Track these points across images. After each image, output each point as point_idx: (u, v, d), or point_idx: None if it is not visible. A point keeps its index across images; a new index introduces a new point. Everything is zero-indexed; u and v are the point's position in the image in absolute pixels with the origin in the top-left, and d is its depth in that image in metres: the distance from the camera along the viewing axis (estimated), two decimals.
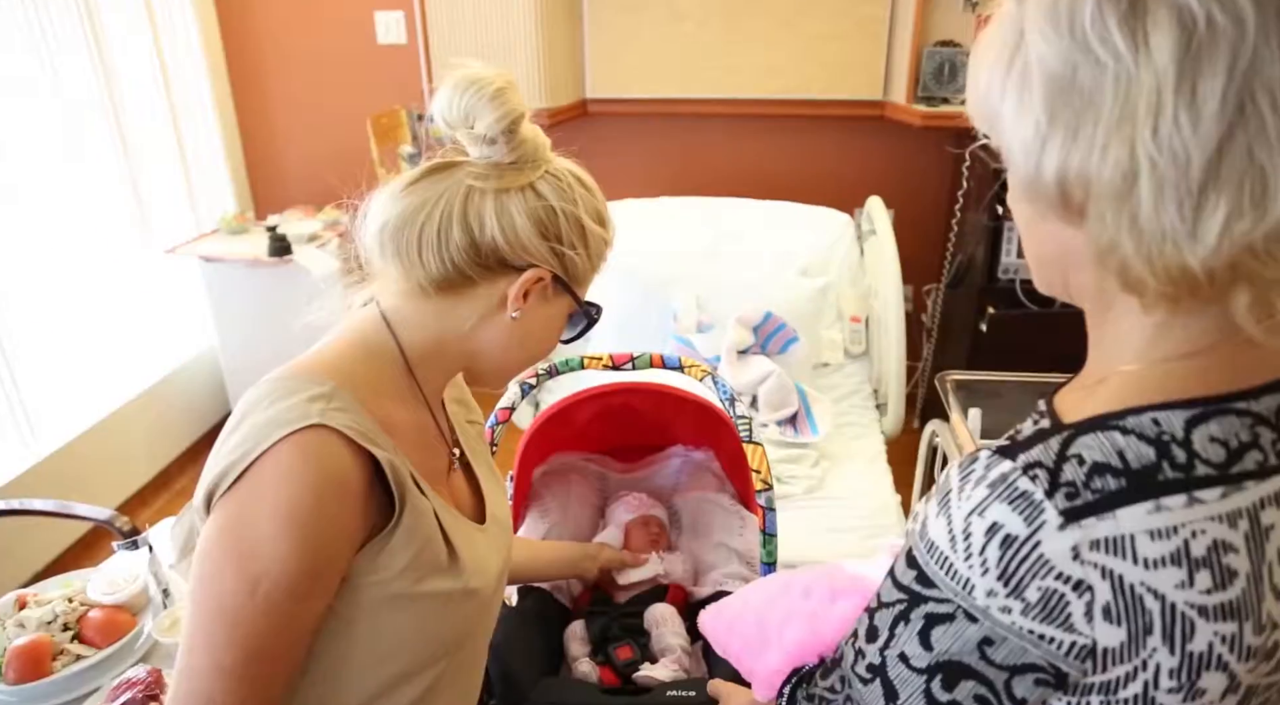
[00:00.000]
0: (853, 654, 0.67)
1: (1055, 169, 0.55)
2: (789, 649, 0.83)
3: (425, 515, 0.82)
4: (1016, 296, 2.58)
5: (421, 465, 0.86)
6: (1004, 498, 0.56)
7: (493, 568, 0.94)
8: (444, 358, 0.90)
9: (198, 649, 0.74)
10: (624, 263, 2.58)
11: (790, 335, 2.37)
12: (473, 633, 0.93)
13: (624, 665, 1.32)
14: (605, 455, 1.73)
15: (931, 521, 0.60)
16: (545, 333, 0.91)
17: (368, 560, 0.79)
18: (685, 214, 2.81)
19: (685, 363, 1.41)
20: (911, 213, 3.14)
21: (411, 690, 0.88)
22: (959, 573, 0.57)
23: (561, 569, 1.43)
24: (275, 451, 0.73)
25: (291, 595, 0.73)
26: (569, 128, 3.16)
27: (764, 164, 3.24)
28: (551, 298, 0.88)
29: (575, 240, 0.86)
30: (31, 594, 1.33)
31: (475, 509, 0.99)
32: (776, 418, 2.22)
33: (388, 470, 0.78)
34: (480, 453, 1.05)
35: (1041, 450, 0.57)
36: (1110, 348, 0.62)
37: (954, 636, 0.58)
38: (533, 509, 1.58)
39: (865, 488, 2.09)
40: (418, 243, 0.83)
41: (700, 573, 1.54)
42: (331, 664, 0.83)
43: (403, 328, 0.87)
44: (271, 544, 0.72)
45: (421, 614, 0.84)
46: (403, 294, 0.87)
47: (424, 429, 0.91)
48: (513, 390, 1.42)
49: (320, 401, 0.76)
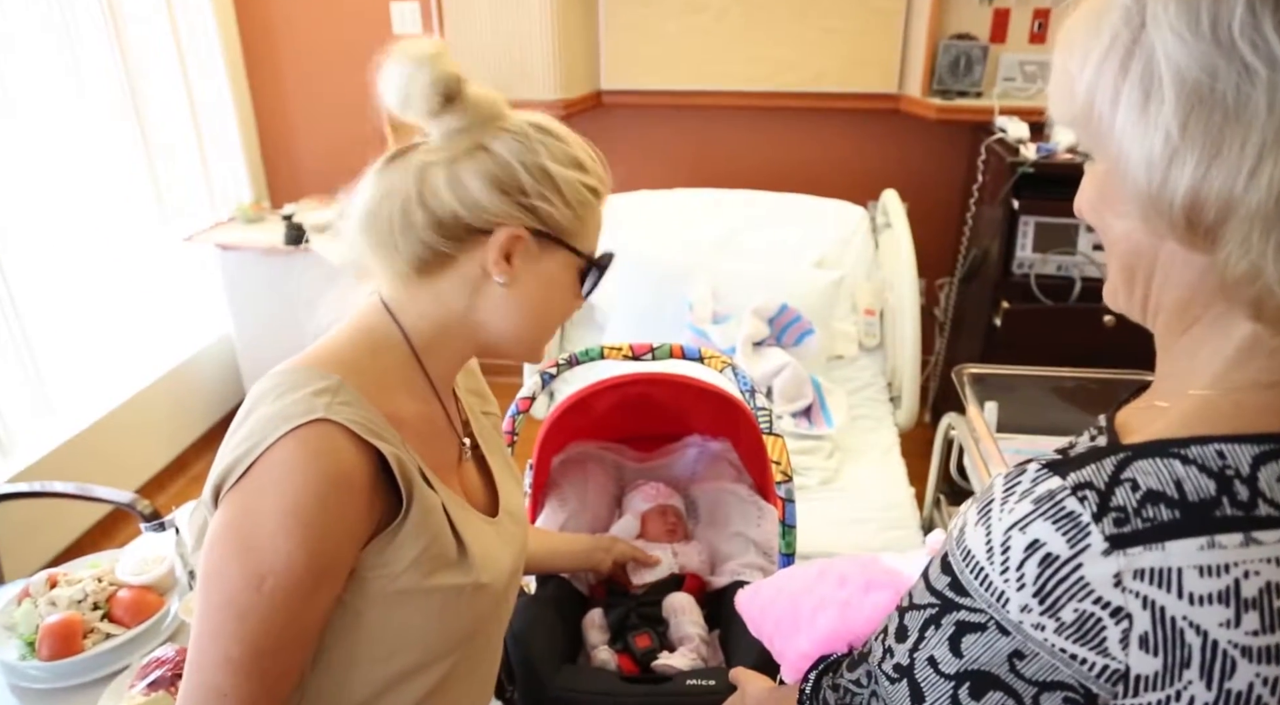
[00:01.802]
0: (881, 651, 0.68)
1: (1187, 188, 0.50)
2: (819, 635, 0.84)
3: (433, 510, 0.82)
4: (1031, 291, 2.57)
5: (430, 457, 0.86)
6: (1049, 516, 0.54)
7: (504, 561, 0.93)
8: (450, 342, 0.88)
9: (206, 642, 0.75)
10: (639, 253, 2.62)
11: (805, 327, 2.37)
12: (485, 627, 0.93)
13: (643, 653, 1.33)
14: (623, 444, 1.75)
15: (970, 530, 0.59)
16: (551, 292, 0.87)
17: (375, 554, 0.80)
18: (700, 205, 2.82)
19: (705, 354, 1.42)
20: (926, 206, 3.14)
21: (423, 683, 0.88)
22: (994, 585, 0.56)
23: (575, 560, 1.44)
24: (279, 446, 0.73)
25: (297, 590, 0.74)
26: (583, 119, 3.17)
27: (778, 156, 3.24)
28: (541, 254, 0.85)
29: (544, 190, 0.82)
30: (62, 573, 1.35)
31: (488, 501, 0.99)
32: (791, 409, 2.23)
33: (394, 465, 0.77)
34: (496, 444, 1.05)
35: (1094, 470, 0.55)
36: (1182, 370, 0.60)
37: (984, 646, 0.58)
38: (551, 497, 1.59)
39: (879, 480, 2.10)
40: (388, 231, 0.82)
41: (717, 562, 1.56)
42: (341, 656, 0.84)
43: (405, 316, 0.86)
44: (276, 540, 0.73)
45: (430, 608, 0.84)
46: (396, 283, 0.86)
47: (433, 420, 0.90)
48: (533, 381, 1.43)
49: (326, 395, 0.76)
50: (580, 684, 1.21)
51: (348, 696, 0.86)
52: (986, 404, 1.84)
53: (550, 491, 1.61)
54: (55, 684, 1.22)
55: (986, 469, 1.63)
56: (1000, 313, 2.61)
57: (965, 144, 3.07)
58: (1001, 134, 2.72)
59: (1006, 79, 2.91)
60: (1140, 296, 0.61)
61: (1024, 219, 2.56)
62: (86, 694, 1.21)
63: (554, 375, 1.44)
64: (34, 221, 2.49)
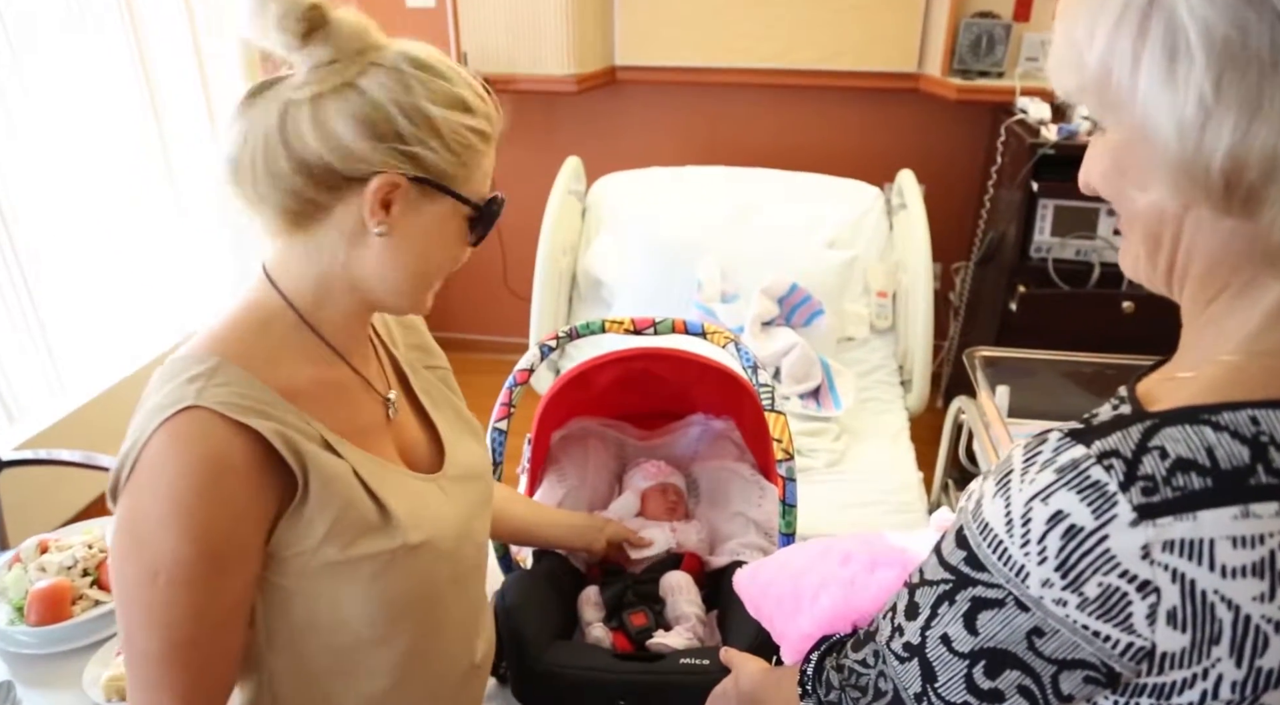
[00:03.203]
0: (889, 629, 0.65)
1: (1227, 150, 0.49)
2: (821, 615, 0.81)
3: (338, 478, 0.79)
4: (1048, 275, 2.52)
5: (341, 422, 0.83)
6: (1072, 485, 0.52)
7: (448, 517, 0.90)
8: (336, 299, 0.83)
9: (126, 639, 0.75)
10: (648, 230, 2.59)
11: (815, 308, 2.33)
12: (437, 588, 0.90)
13: (638, 631, 1.31)
14: (625, 421, 1.72)
15: (988, 502, 0.57)
16: (434, 241, 0.82)
17: (287, 533, 0.78)
18: (712, 183, 2.77)
19: (708, 329, 1.39)
20: (942, 188, 3.08)
21: (391, 649, 0.87)
22: (1013, 559, 0.54)
23: (567, 536, 1.41)
24: (154, 441, 0.72)
25: (193, 581, 0.73)
26: (597, 95, 3.13)
27: (793, 135, 3.19)
28: (422, 202, 0.79)
29: (421, 134, 0.75)
30: (53, 539, 1.34)
31: (432, 458, 0.96)
32: (799, 390, 2.19)
33: (276, 442, 0.74)
34: (443, 399, 1.01)
35: (1120, 438, 0.53)
36: (1210, 337, 0.58)
37: (1002, 623, 0.56)
38: (550, 473, 1.57)
39: (887, 464, 2.07)
40: (251, 180, 0.76)
41: (717, 542, 1.53)
42: (287, 634, 0.83)
43: (285, 278, 0.82)
44: (159, 534, 0.71)
45: (361, 577, 0.82)
46: (272, 240, 0.82)
47: (341, 383, 0.87)
48: (532, 352, 1.40)
49: (199, 381, 0.74)
50: (571, 660, 1.19)
51: (312, 670, 0.85)
52: (998, 388, 1.80)
53: (549, 467, 1.59)
54: (43, 650, 1.21)
55: (996, 454, 1.60)
56: (1016, 297, 2.57)
57: (985, 125, 3.01)
58: (1022, 115, 2.66)
59: (1029, 59, 2.84)
60: (1165, 266, 0.58)
61: (1043, 202, 2.51)
62: (75, 660, 1.20)
63: (553, 348, 1.41)
64: (44, 193, 2.48)
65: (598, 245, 2.65)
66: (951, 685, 0.59)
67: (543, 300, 2.43)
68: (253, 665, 0.85)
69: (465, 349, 3.59)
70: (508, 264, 3.34)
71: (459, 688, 0.98)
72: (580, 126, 3.28)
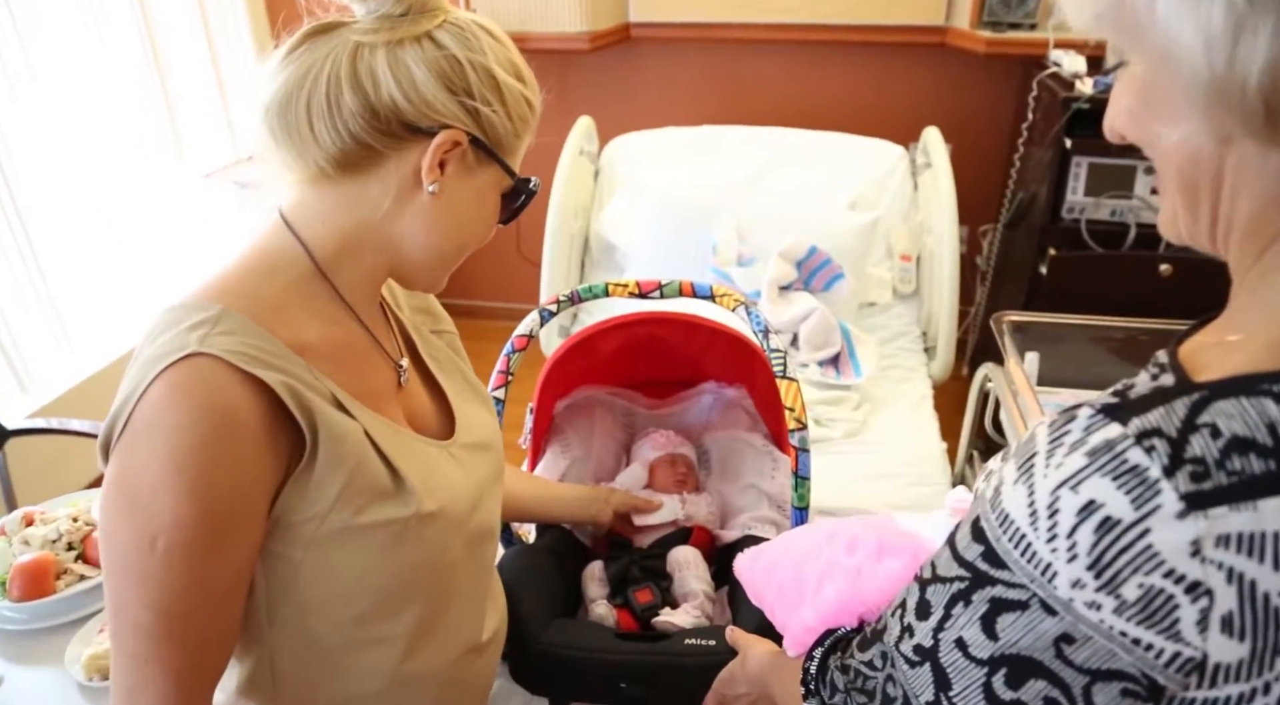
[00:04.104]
0: (899, 629, 0.58)
1: (1264, 65, 0.43)
2: (825, 606, 0.74)
3: (350, 439, 0.74)
4: (1081, 237, 2.41)
5: (353, 383, 0.78)
6: (1107, 471, 0.45)
7: (461, 486, 0.86)
8: (361, 255, 0.79)
9: (115, 610, 0.69)
10: (662, 192, 2.50)
11: (836, 271, 2.24)
12: (450, 559, 0.85)
13: (643, 609, 1.25)
14: (633, 390, 1.65)
15: (1009, 489, 0.50)
16: (475, 211, 0.81)
17: (295, 497, 0.72)
18: (728, 143, 2.68)
19: (717, 292, 1.31)
20: (969, 148, 2.96)
21: (399, 625, 0.82)
22: (1038, 556, 0.48)
23: (571, 508, 1.35)
24: (152, 391, 0.66)
25: (195, 547, 0.67)
26: (611, 53, 3.03)
27: (814, 93, 3.08)
28: (475, 167, 0.77)
29: (489, 95, 0.75)
30: (39, 512, 1.30)
31: (440, 425, 0.91)
32: (818, 357, 2.11)
33: (284, 395, 0.69)
34: (451, 365, 0.97)
35: (1163, 414, 0.46)
36: (1265, 293, 0.51)
37: (1025, 628, 0.49)
38: (553, 443, 1.51)
39: (909, 434, 1.99)
40: (307, 116, 0.73)
41: (728, 516, 1.47)
42: (292, 608, 0.77)
43: (307, 226, 0.77)
44: (158, 495, 0.65)
45: (371, 546, 0.76)
46: (304, 184, 0.77)
47: (352, 343, 0.82)
48: (532, 317, 1.33)
49: (202, 328, 0.68)
50: (569, 639, 1.13)
51: (317, 645, 0.80)
52: (1027, 354, 1.71)
53: (553, 437, 1.52)
54: (26, 625, 1.17)
55: (1025, 424, 1.51)
56: (1047, 261, 2.46)
57: (1015, 80, 2.88)
58: (1056, 68, 2.53)
59: None
60: (1207, 218, 0.51)
61: (1076, 160, 2.40)
62: (58, 636, 1.16)
63: (554, 312, 1.34)
64: (51, 161, 2.45)
65: (610, 208, 2.58)
66: (968, 694, 0.52)
67: (553, 265, 2.36)
68: (252, 639, 0.80)
69: (478, 316, 3.54)
70: (521, 229, 3.27)
71: (467, 664, 0.93)
72: (593, 86, 3.18)
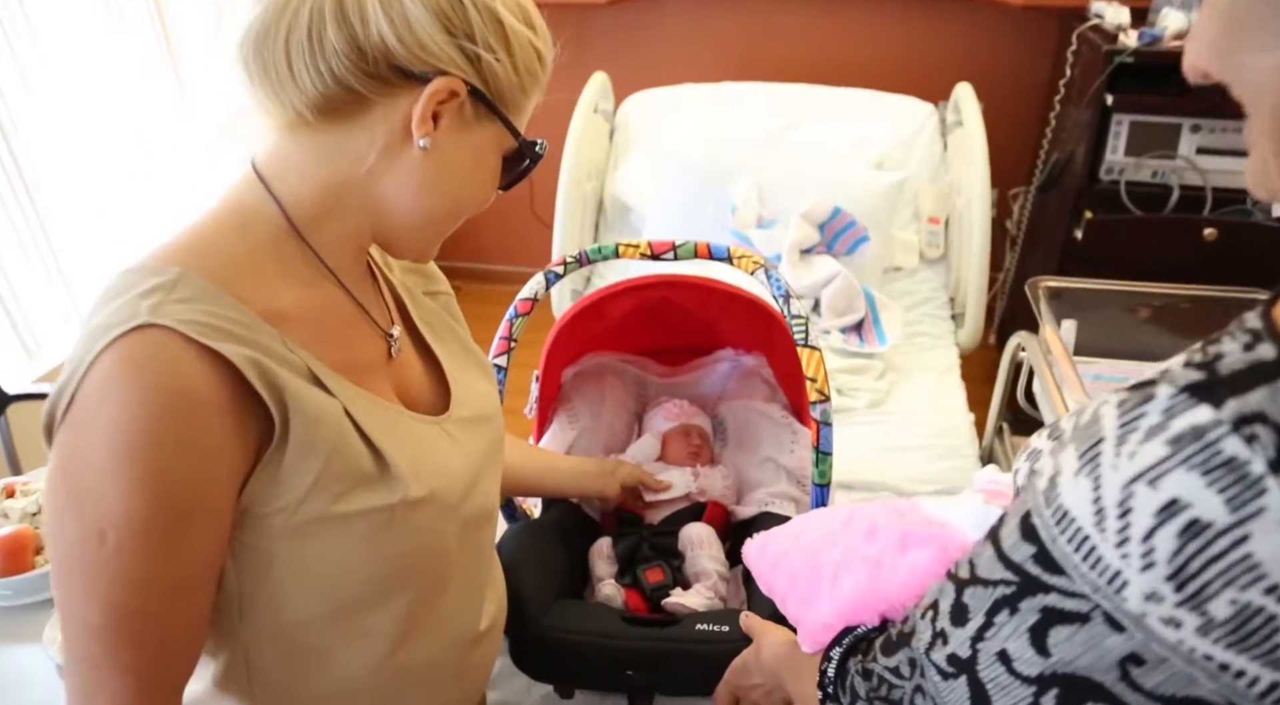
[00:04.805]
0: (930, 633, 0.51)
1: None
2: (843, 601, 0.67)
3: (327, 420, 0.66)
4: (1119, 200, 2.30)
5: (334, 354, 0.70)
6: (1196, 464, 0.38)
7: (456, 466, 0.78)
8: (343, 214, 0.71)
9: (64, 610, 0.62)
10: (680, 150, 2.40)
11: (860, 234, 2.14)
12: (442, 546, 0.78)
13: (653, 589, 1.18)
14: (645, 357, 1.57)
15: (1068, 481, 0.42)
16: (472, 173, 0.72)
17: (265, 485, 0.64)
18: (750, 100, 2.56)
19: (734, 253, 1.22)
20: (1001, 107, 2.82)
21: (385, 617, 0.75)
22: (1104, 561, 0.40)
23: (576, 482, 1.27)
24: (97, 366, 0.58)
25: (148, 541, 0.59)
26: (629, 5, 2.91)
27: (840, 47, 2.94)
28: (473, 122, 0.69)
29: (494, 41, 0.66)
30: (20, 483, 1.24)
31: (436, 398, 0.83)
32: (840, 324, 2.02)
33: (248, 371, 0.61)
34: (448, 331, 0.88)
35: (1267, 396, 0.38)
36: None
37: (1084, 645, 0.42)
38: (560, 413, 1.43)
39: (935, 405, 1.90)
40: (285, 53, 0.64)
41: (744, 491, 1.39)
42: (267, 601, 0.70)
43: (283, 180, 0.69)
44: (105, 484, 0.58)
45: (352, 535, 0.69)
46: (281, 131, 0.68)
47: (334, 310, 0.74)
48: (536, 280, 1.25)
49: (157, 294, 0.60)
50: (572, 623, 1.06)
51: (299, 640, 0.73)
52: (1063, 322, 1.61)
53: (560, 406, 1.45)
54: (3, 602, 1.12)
55: (1061, 395, 1.42)
56: (1082, 224, 2.34)
57: (1052, 34, 2.74)
58: (1097, 20, 2.40)
59: None
60: None
61: (1118, 117, 2.27)
62: (36, 614, 1.11)
63: (560, 274, 1.26)
64: (58, 129, 2.38)
65: (626, 167, 2.48)
66: None
67: (565, 226, 2.27)
68: (224, 635, 0.73)
69: (488, 279, 3.46)
70: (534, 189, 3.18)
71: (463, 655, 0.86)
72: (610, 41, 3.06)
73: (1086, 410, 0.46)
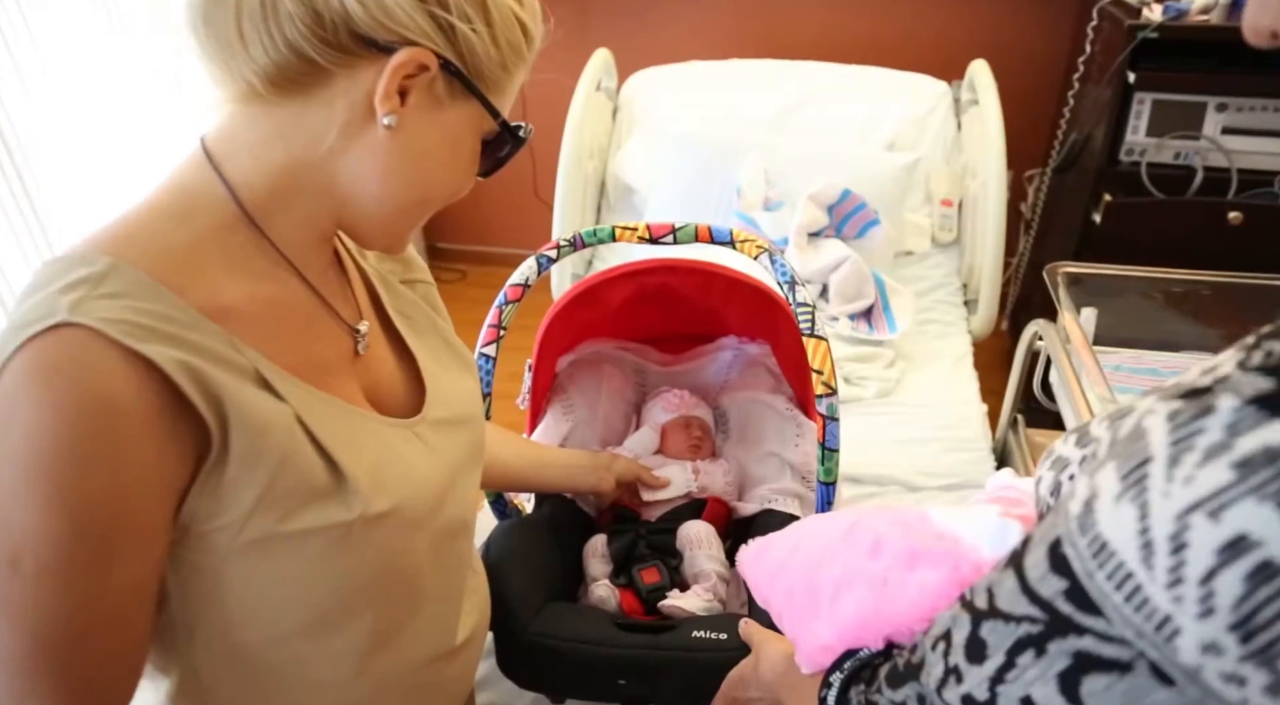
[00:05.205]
0: (941, 668, 0.45)
1: None
2: (844, 622, 0.60)
3: (275, 429, 0.60)
4: (1140, 182, 2.21)
5: (290, 354, 0.63)
6: (1270, 493, 0.32)
7: (426, 475, 0.72)
8: (301, 200, 0.64)
9: None
10: (684, 130, 2.32)
11: (870, 217, 2.07)
12: (410, 562, 0.72)
13: (649, 591, 1.13)
14: (646, 344, 1.51)
15: (1109, 507, 0.36)
16: (445, 157, 0.66)
17: (205, 501, 0.58)
18: (756, 78, 2.48)
19: (737, 237, 1.15)
20: (1016, 85, 2.72)
21: (347, 638, 0.69)
22: (1152, 604, 0.34)
23: (568, 476, 1.21)
24: (8, 371, 0.52)
25: (72, 566, 0.53)
26: None
27: (851, 24, 2.85)
28: (446, 100, 0.62)
29: (470, 9, 0.60)
30: None
31: (410, 398, 0.76)
32: (849, 310, 1.95)
33: (179, 377, 0.54)
34: (428, 323, 0.82)
35: None
36: None
37: (1125, 697, 0.36)
38: (555, 404, 1.37)
39: (946, 395, 1.83)
40: (235, 17, 0.57)
41: (746, 486, 1.33)
42: (216, 621, 0.65)
43: (234, 160, 0.62)
44: (19, 505, 0.52)
45: (307, 556, 0.63)
46: (232, 107, 0.62)
47: (292, 305, 0.67)
48: (528, 264, 1.19)
49: (81, 288, 0.53)
50: (562, 629, 1.00)
51: (254, 660, 0.68)
52: (1083, 309, 1.54)
53: (554, 397, 1.39)
54: None
55: (1080, 387, 1.35)
56: (1101, 207, 2.26)
57: (1072, 8, 2.64)
58: None
59: None
60: None
61: (1139, 96, 2.18)
62: None
63: (553, 258, 1.19)
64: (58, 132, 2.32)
65: (629, 147, 2.40)
66: None
67: (565, 208, 2.20)
68: (172, 653, 0.68)
69: (491, 263, 3.39)
70: (538, 172, 3.10)
71: (437, 671, 0.80)
72: (613, 16, 2.97)
73: (1126, 419, 0.40)
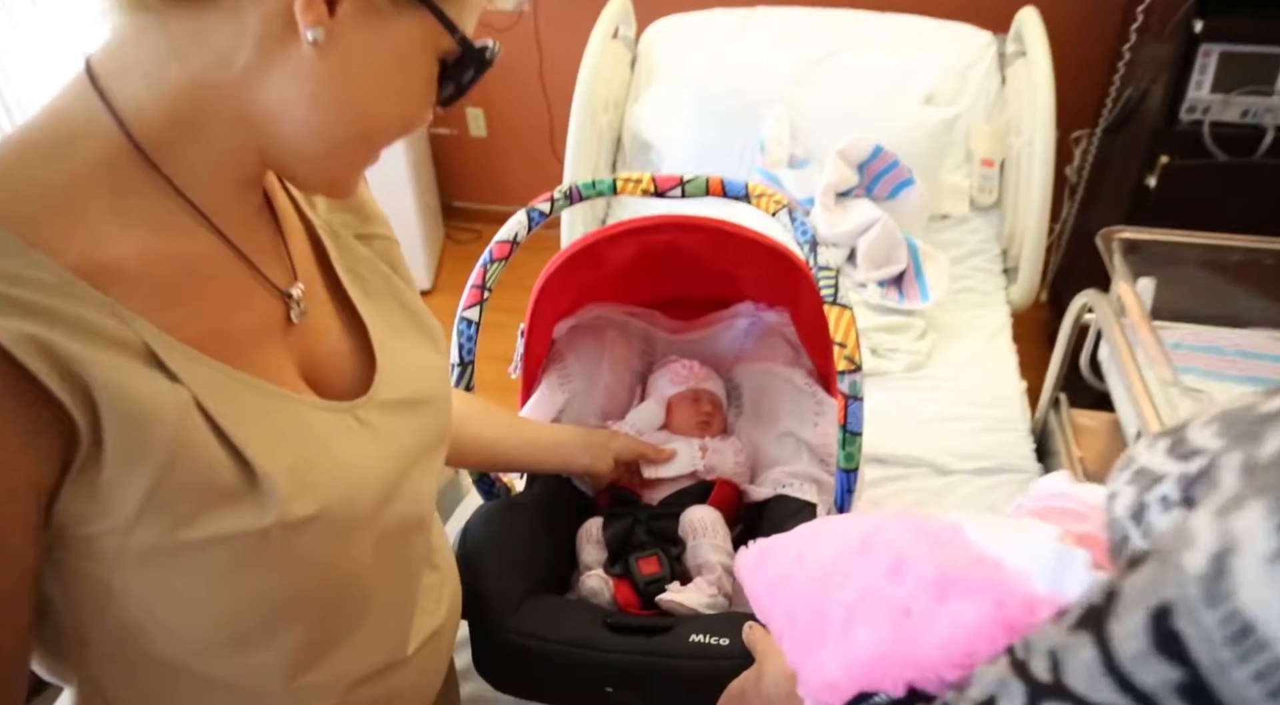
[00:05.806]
0: None
1: None
2: (856, 658, 0.48)
3: (160, 417, 0.48)
4: (1202, 143, 2.04)
5: (195, 324, 0.52)
6: None
7: (368, 468, 0.60)
8: (210, 134, 0.52)
9: None
10: (705, 82, 2.16)
11: (904, 176, 1.92)
12: (349, 568, 0.61)
13: (646, 582, 1.02)
14: (654, 310, 1.38)
15: (1259, 571, 0.26)
16: (391, 80, 0.54)
17: (80, 502, 0.48)
18: (786, 26, 2.32)
19: (753, 191, 1.02)
20: (1063, 40, 2.51)
21: (273, 652, 0.59)
22: None
23: (563, 455, 1.09)
24: None
25: None
26: None
27: None
28: (389, 11, 0.51)
29: None
30: None
31: (359, 373, 0.65)
32: (879, 277, 1.81)
33: (28, 358, 0.44)
34: (384, 285, 0.70)
35: None
36: None
37: None
38: (551, 373, 1.25)
39: (982, 370, 1.69)
40: None
41: (759, 468, 1.21)
42: (112, 631, 0.55)
43: (123, 85, 0.50)
44: None
45: (214, 569, 0.52)
46: (120, 14, 0.49)
47: (202, 263, 0.55)
48: (516, 219, 1.06)
49: None
50: (543, 628, 0.89)
51: (164, 671, 0.58)
52: (1140, 279, 1.39)
53: (551, 365, 1.27)
54: None
55: (1135, 365, 1.21)
56: (1157, 170, 2.09)
57: None
58: None
59: None
60: None
61: (1205, 48, 2.00)
62: None
63: (546, 213, 1.07)
64: None
65: (647, 99, 2.26)
66: None
67: (577, 162, 2.06)
68: (66, 662, 0.58)
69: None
70: (555, 128, 2.97)
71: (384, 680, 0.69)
72: None
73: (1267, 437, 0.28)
